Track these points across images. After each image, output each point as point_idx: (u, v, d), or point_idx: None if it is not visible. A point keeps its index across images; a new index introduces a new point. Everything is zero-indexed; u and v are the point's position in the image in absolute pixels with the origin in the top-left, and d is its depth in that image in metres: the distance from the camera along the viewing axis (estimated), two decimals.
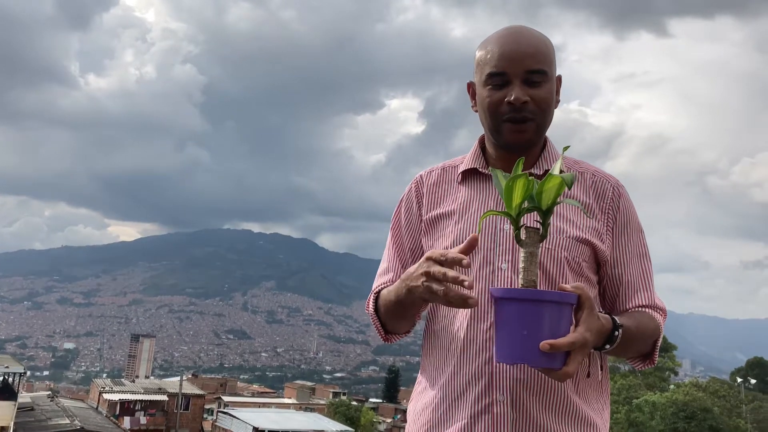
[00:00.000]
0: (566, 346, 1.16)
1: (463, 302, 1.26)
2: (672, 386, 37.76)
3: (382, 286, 1.67)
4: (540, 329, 1.17)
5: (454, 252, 1.30)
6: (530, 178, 1.22)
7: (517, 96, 1.50)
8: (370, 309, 1.66)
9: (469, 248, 1.30)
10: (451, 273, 1.26)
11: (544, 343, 1.15)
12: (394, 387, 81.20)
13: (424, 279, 1.32)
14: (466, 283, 1.23)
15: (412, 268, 1.40)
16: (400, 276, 1.63)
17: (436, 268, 1.29)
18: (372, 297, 1.67)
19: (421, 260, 1.36)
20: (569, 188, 1.20)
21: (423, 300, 1.38)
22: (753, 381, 47.74)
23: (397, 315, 1.57)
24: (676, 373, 44.80)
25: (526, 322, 1.18)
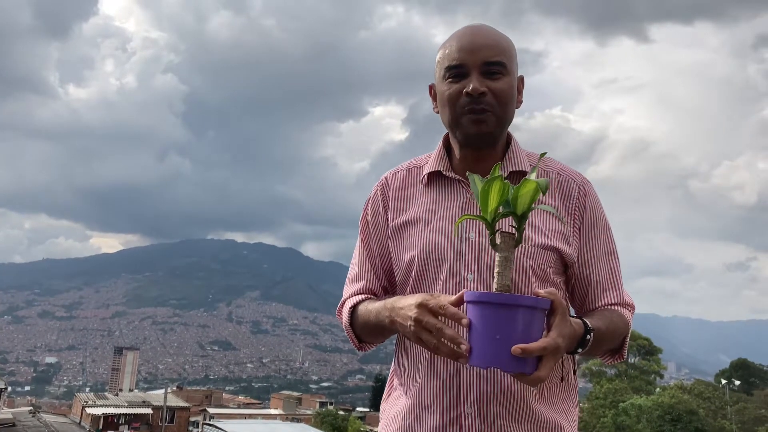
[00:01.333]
0: (538, 350, 1.16)
1: (454, 358, 1.25)
2: (658, 389, 37.92)
3: (358, 297, 1.66)
4: (513, 333, 1.16)
5: (451, 307, 1.26)
6: (506, 182, 1.20)
7: (474, 86, 1.47)
8: (344, 320, 1.65)
9: (459, 302, 1.26)
10: (448, 331, 1.24)
11: (516, 347, 1.14)
12: (381, 396, 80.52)
13: (413, 324, 1.30)
14: (463, 347, 1.21)
15: (400, 302, 1.38)
16: (372, 282, 1.68)
17: (431, 320, 1.27)
18: (348, 310, 1.64)
19: (411, 301, 1.33)
20: (544, 194, 1.19)
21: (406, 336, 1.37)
22: (737, 382, 48.00)
23: (374, 334, 1.59)
24: (661, 376, 45.02)
25: (499, 326, 1.17)
